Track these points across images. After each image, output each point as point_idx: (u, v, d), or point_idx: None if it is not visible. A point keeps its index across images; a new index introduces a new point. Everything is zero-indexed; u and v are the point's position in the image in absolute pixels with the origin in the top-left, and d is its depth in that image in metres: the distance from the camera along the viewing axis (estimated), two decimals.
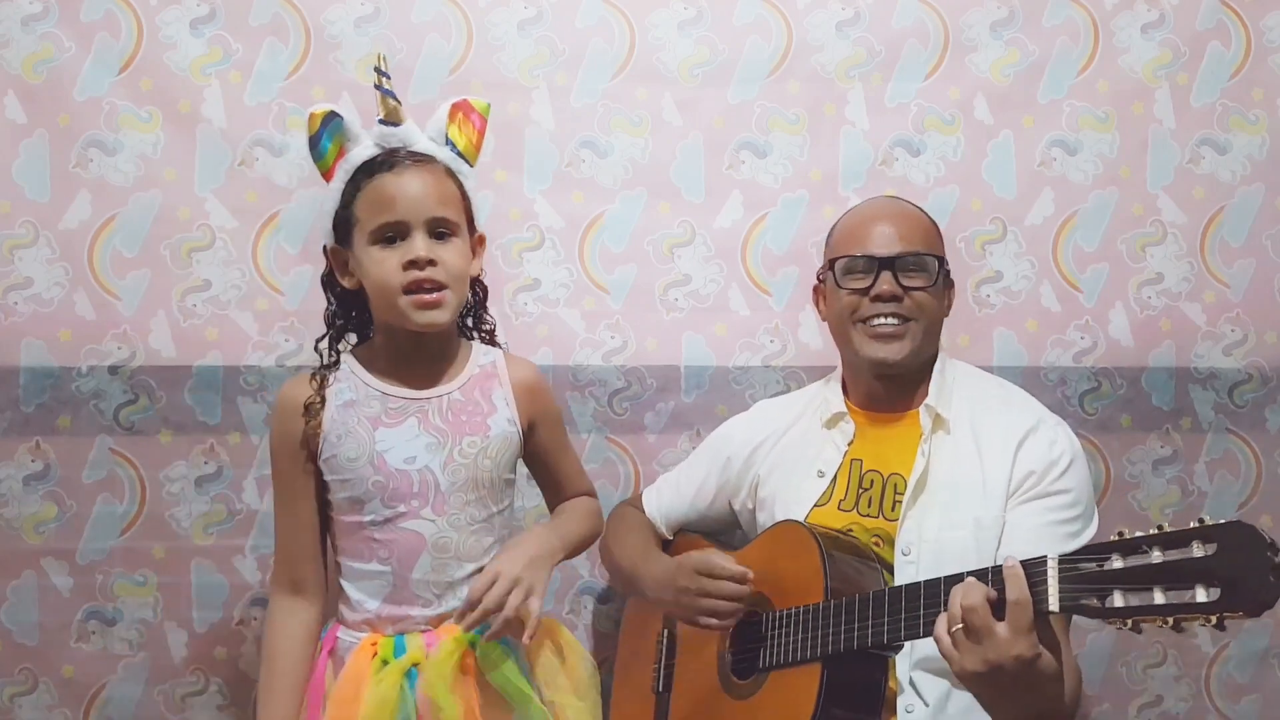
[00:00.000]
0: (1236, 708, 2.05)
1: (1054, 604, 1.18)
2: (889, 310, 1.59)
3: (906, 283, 1.60)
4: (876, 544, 1.55)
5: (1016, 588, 1.20)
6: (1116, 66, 2.07)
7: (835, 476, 1.63)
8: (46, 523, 1.86)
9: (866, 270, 1.61)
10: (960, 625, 1.21)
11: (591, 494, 1.64)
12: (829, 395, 1.71)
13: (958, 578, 1.27)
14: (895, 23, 2.04)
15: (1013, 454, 1.54)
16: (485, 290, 1.57)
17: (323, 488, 1.46)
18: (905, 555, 1.52)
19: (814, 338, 2.00)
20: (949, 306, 1.69)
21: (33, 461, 1.86)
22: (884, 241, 1.62)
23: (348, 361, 1.49)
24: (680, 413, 1.98)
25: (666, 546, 1.79)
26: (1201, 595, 1.08)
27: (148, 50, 1.89)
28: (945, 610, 1.24)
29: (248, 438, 1.90)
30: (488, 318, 1.57)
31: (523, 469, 1.60)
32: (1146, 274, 2.06)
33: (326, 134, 1.44)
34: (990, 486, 1.53)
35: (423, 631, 1.42)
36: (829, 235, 1.72)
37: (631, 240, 2.00)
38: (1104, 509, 2.02)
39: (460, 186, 1.47)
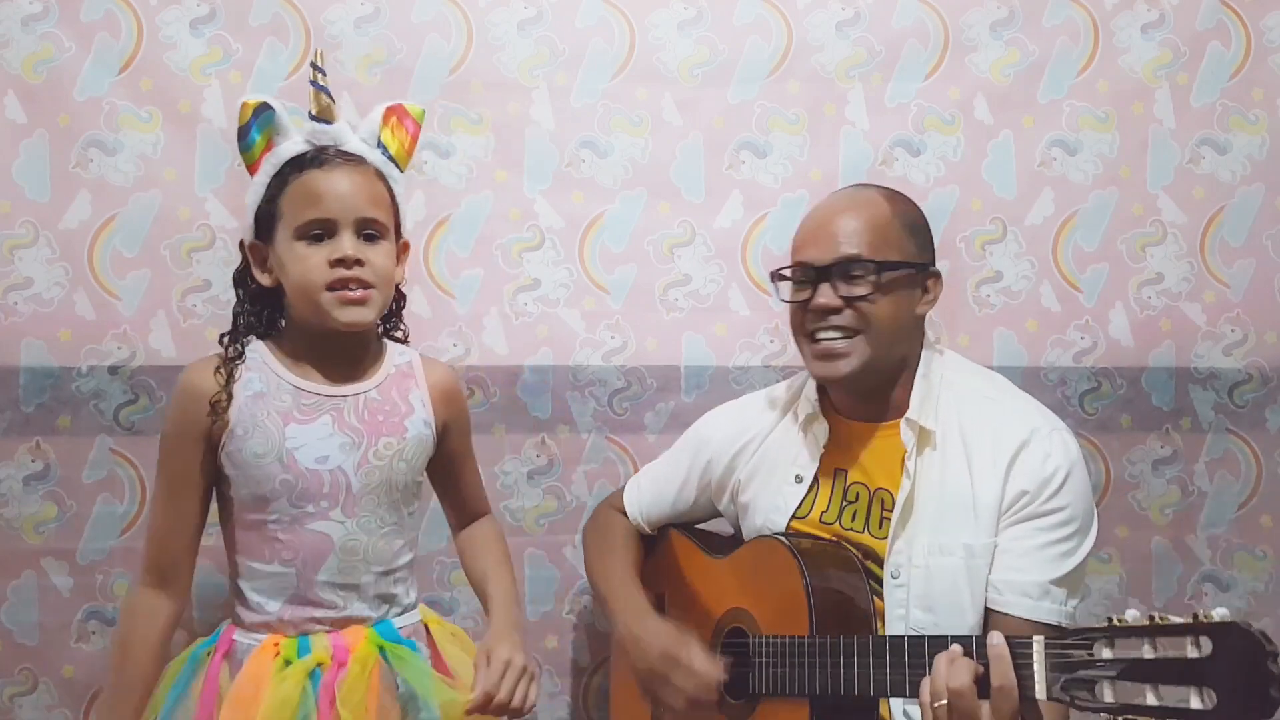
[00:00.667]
0: None
1: (1040, 692, 1.16)
2: (830, 324, 1.49)
3: (847, 292, 1.48)
4: (863, 560, 1.51)
5: (1002, 673, 1.18)
6: (1116, 66, 2.07)
7: (816, 484, 1.57)
8: (46, 523, 1.86)
9: (806, 280, 1.51)
10: (944, 702, 1.20)
11: (489, 513, 1.61)
12: (806, 395, 1.62)
13: (943, 641, 1.26)
14: (895, 23, 2.04)
15: (1004, 472, 1.44)
16: (403, 298, 1.55)
17: (218, 480, 1.41)
18: (895, 579, 1.46)
19: None
20: (932, 300, 1.55)
21: (33, 461, 1.86)
22: (822, 247, 1.50)
23: (258, 350, 1.43)
24: (680, 413, 1.98)
25: (649, 543, 1.77)
26: (1195, 702, 1.02)
27: (148, 50, 1.89)
28: (930, 675, 1.23)
29: None
30: (403, 326, 1.55)
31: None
32: (1146, 274, 2.06)
33: (256, 125, 1.41)
34: (981, 510, 1.44)
35: (327, 632, 1.38)
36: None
37: (631, 240, 2.00)
38: (1104, 509, 2.03)
39: (390, 190, 1.45)
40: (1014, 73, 2.06)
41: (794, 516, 1.57)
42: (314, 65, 1.47)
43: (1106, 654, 1.10)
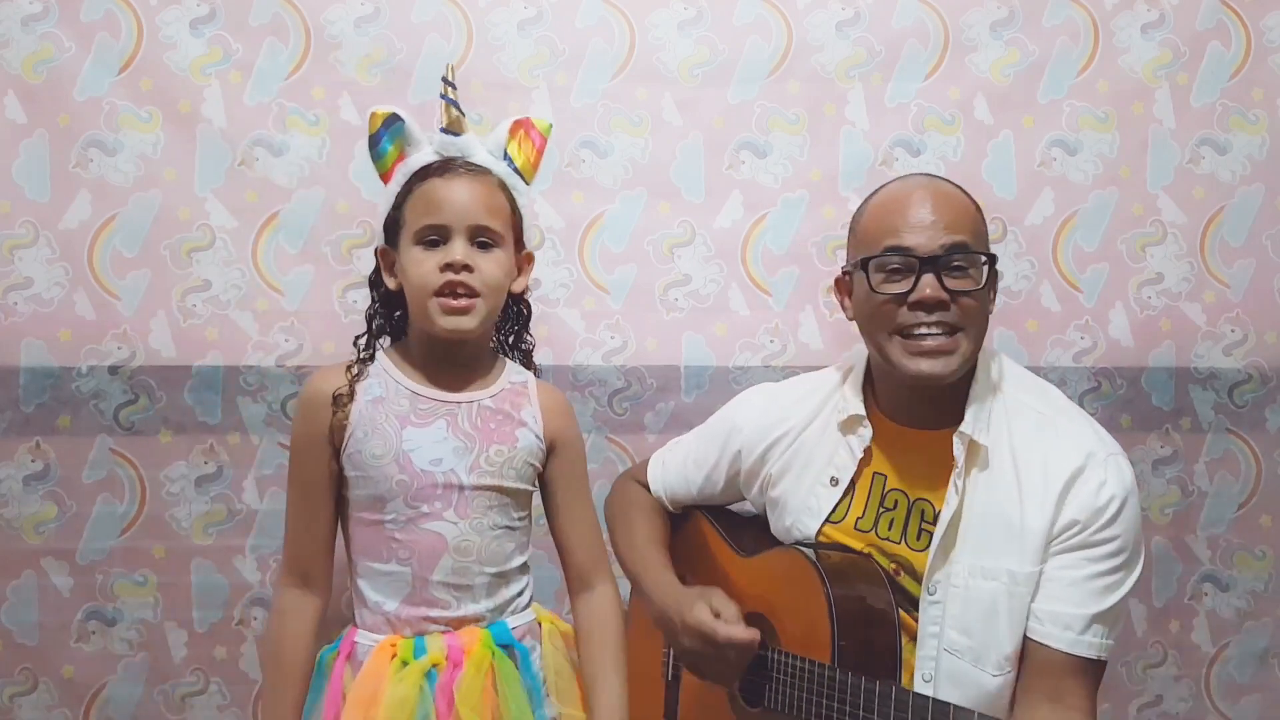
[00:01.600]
0: (1236, 708, 2.06)
1: None
2: (933, 319, 1.37)
3: (953, 286, 1.36)
4: (896, 572, 1.45)
5: None
6: (1116, 66, 2.07)
7: (853, 488, 1.50)
8: (46, 523, 1.86)
9: (903, 270, 1.39)
10: None
11: (609, 580, 1.51)
12: (848, 393, 1.53)
13: (970, 715, 1.23)
14: (895, 23, 2.04)
15: (1056, 500, 1.36)
16: (529, 309, 1.56)
17: (341, 484, 1.44)
18: (931, 595, 1.40)
19: (814, 338, 2.00)
20: (994, 299, 1.46)
21: (33, 461, 1.86)
22: (926, 235, 1.38)
23: (381, 359, 1.47)
24: (680, 413, 1.98)
25: (675, 521, 1.73)
26: None
27: (148, 50, 1.90)
28: None
29: (248, 438, 1.90)
30: (528, 337, 1.56)
31: None
32: (1146, 274, 2.06)
33: (387, 136, 1.46)
34: (1028, 537, 1.36)
35: (443, 633, 1.41)
36: (856, 219, 1.50)
37: (631, 240, 2.00)
38: None
39: (512, 201, 1.48)
40: (1014, 73, 2.06)
41: (827, 520, 1.51)
42: (445, 79, 1.49)
43: None
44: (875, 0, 2.04)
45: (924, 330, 1.38)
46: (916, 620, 1.42)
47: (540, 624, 1.48)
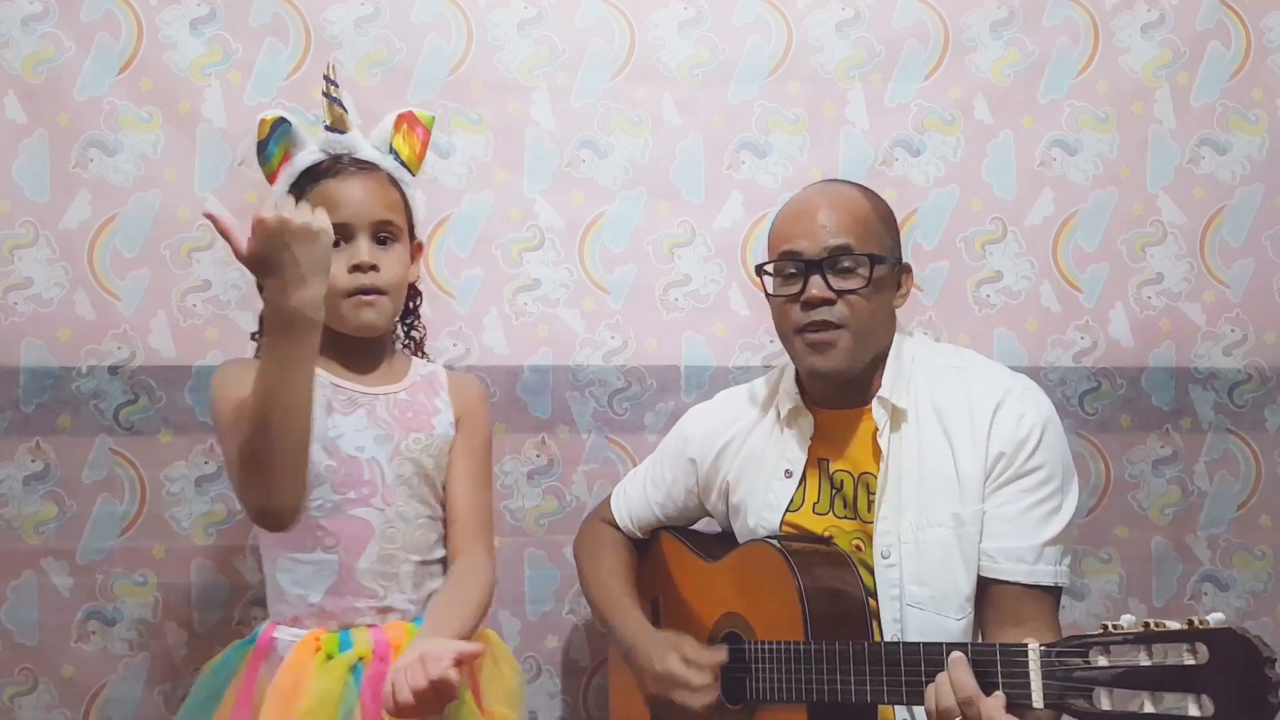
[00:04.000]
0: None
1: (1038, 700, 1.17)
2: (820, 318, 1.48)
3: (839, 285, 1.47)
4: (858, 548, 1.52)
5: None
6: (1116, 66, 2.07)
7: (804, 477, 1.57)
8: (46, 523, 1.86)
9: (796, 273, 1.51)
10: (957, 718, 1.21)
11: (486, 556, 1.50)
12: (785, 389, 1.62)
13: (938, 648, 1.28)
14: (895, 23, 2.04)
15: (985, 438, 1.45)
16: (420, 296, 1.62)
17: None
18: (885, 559, 1.47)
19: None
20: (904, 295, 1.57)
21: (33, 461, 1.86)
22: (813, 238, 1.49)
23: None
24: (680, 413, 1.96)
25: (641, 546, 1.77)
26: (1193, 709, 1.03)
27: (148, 50, 1.90)
28: (934, 682, 1.24)
29: None
30: (419, 325, 1.62)
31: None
32: (1146, 274, 2.06)
33: (274, 140, 1.49)
34: (965, 479, 1.45)
35: (369, 626, 1.42)
36: (768, 231, 1.61)
37: (631, 240, 2.00)
38: (1104, 509, 2.04)
39: (403, 194, 1.52)
40: (1014, 73, 2.06)
41: (787, 510, 1.57)
42: (326, 78, 1.52)
43: (1102, 661, 1.11)
44: (875, 0, 2.04)
45: (813, 327, 1.49)
46: (875, 584, 1.48)
47: None
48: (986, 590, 1.44)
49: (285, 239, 1.23)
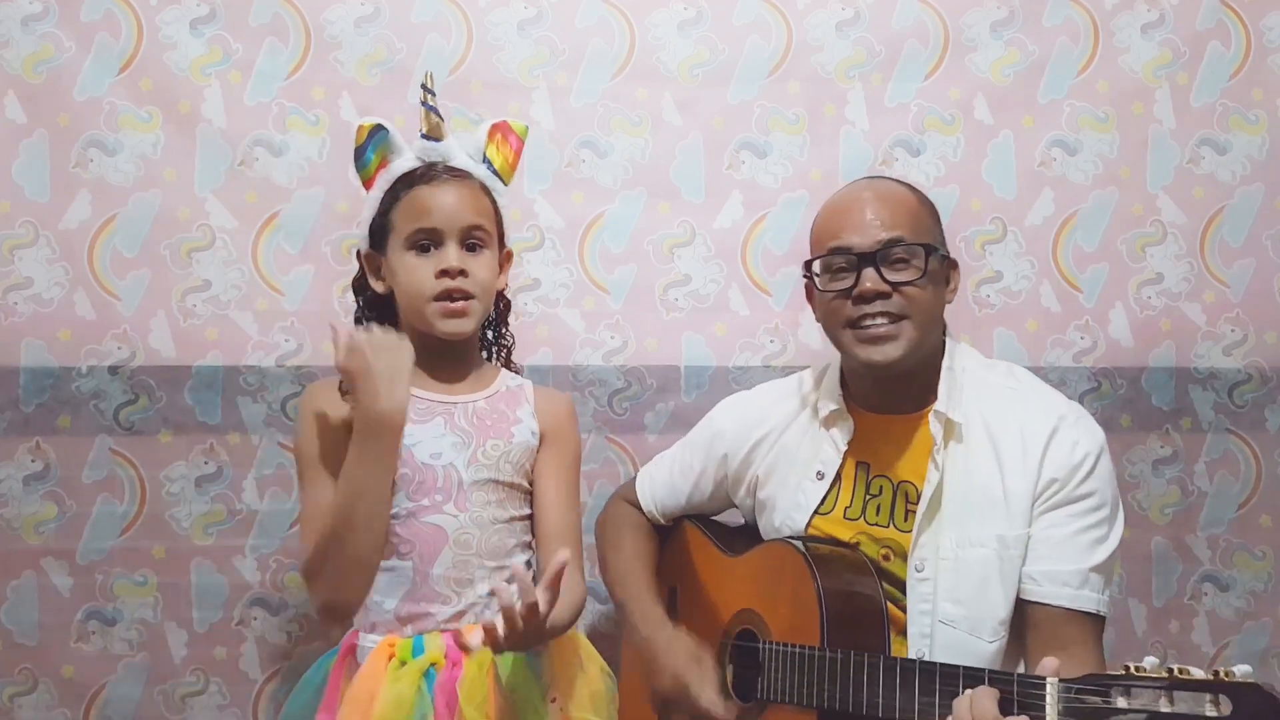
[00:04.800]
0: None
1: None
2: (877, 310, 1.45)
3: (893, 277, 1.45)
4: (886, 557, 1.49)
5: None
6: (1116, 66, 2.07)
7: (839, 480, 1.55)
8: (46, 523, 1.86)
9: (847, 268, 1.48)
10: None
11: (574, 572, 1.45)
12: (827, 389, 1.60)
13: (955, 670, 1.26)
14: (895, 23, 2.04)
15: (1037, 464, 1.43)
16: (508, 305, 1.62)
17: None
18: (919, 572, 1.45)
19: (814, 338, 1.99)
20: (954, 290, 1.55)
21: (33, 461, 1.86)
22: (864, 232, 1.47)
23: None
24: (680, 413, 1.98)
25: (663, 533, 1.76)
26: None
27: (148, 50, 1.90)
28: (951, 713, 1.23)
29: (248, 438, 1.90)
30: (507, 333, 1.62)
31: None
32: (1146, 274, 2.06)
33: (371, 146, 1.51)
34: (1013, 502, 1.43)
35: (442, 632, 1.42)
36: (812, 227, 1.59)
37: (631, 240, 2.00)
38: None
39: (493, 202, 1.53)
40: (1014, 73, 2.06)
41: (816, 512, 1.55)
42: (424, 86, 1.54)
43: (1122, 703, 1.09)
44: (875, 0, 2.04)
45: (869, 321, 1.46)
46: (904, 610, 1.45)
47: None
48: (1028, 613, 1.42)
49: (364, 355, 1.36)
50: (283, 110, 1.92)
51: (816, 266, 1.53)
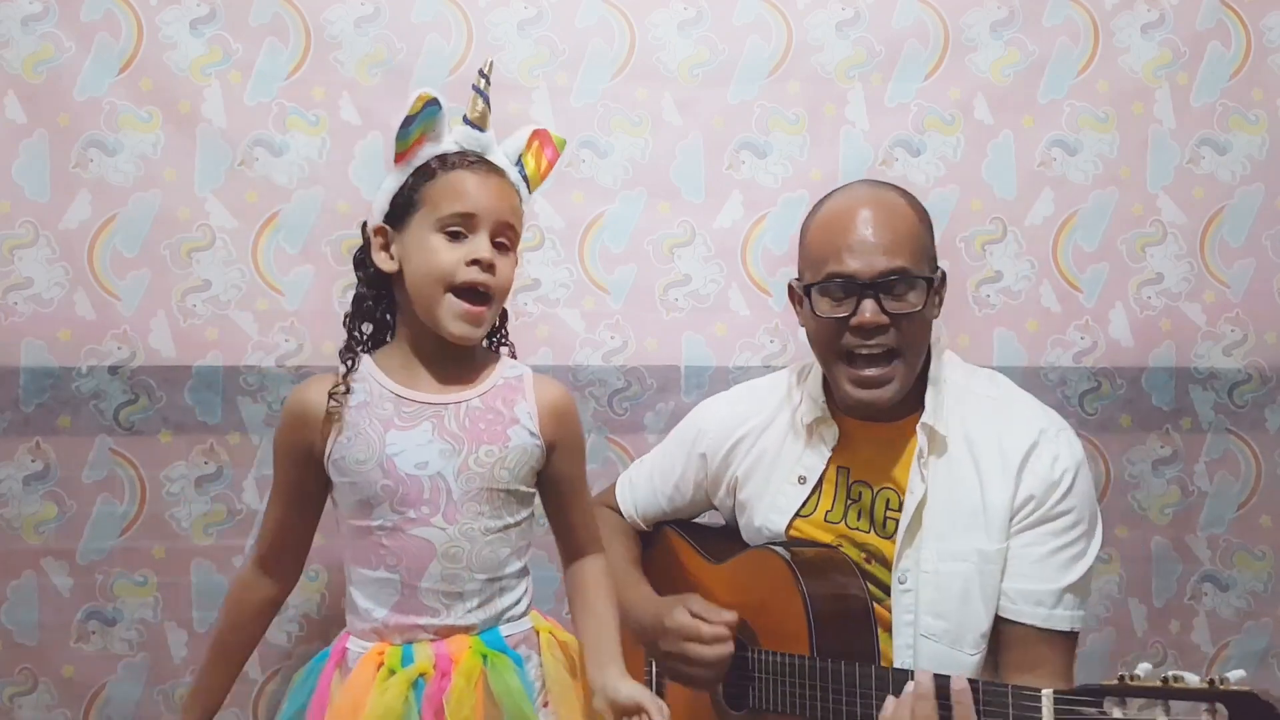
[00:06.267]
0: None
1: None
2: (873, 343, 1.42)
3: (892, 308, 1.41)
4: (867, 559, 1.50)
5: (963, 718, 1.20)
6: (1116, 66, 2.07)
7: (820, 484, 1.55)
8: (46, 523, 1.86)
9: (845, 295, 1.43)
10: None
11: (600, 549, 1.51)
12: (810, 393, 1.57)
13: (945, 678, 1.27)
14: (895, 23, 2.04)
15: (1014, 478, 1.43)
16: (506, 315, 1.55)
17: (329, 488, 1.44)
18: (902, 584, 1.45)
19: None
20: (940, 303, 1.52)
21: (33, 461, 1.86)
22: (866, 259, 1.42)
23: (365, 361, 1.45)
24: (680, 413, 1.96)
25: (645, 540, 1.75)
26: None
27: (148, 50, 1.90)
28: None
29: (248, 438, 1.90)
30: (506, 336, 1.55)
31: None
32: (1146, 274, 2.06)
33: (420, 119, 1.42)
34: (992, 516, 1.43)
35: (431, 641, 1.39)
36: (804, 231, 1.54)
37: (631, 240, 2.00)
38: (1104, 509, 2.00)
39: (520, 208, 1.48)
40: (1014, 73, 2.06)
41: (797, 515, 1.55)
42: (482, 73, 1.48)
43: (1117, 713, 1.09)
44: (875, 0, 2.04)
45: (865, 353, 1.43)
46: (889, 609, 1.45)
47: (538, 633, 1.45)
48: (1000, 630, 1.42)
49: None
50: (283, 110, 1.92)
51: (813, 291, 1.48)
